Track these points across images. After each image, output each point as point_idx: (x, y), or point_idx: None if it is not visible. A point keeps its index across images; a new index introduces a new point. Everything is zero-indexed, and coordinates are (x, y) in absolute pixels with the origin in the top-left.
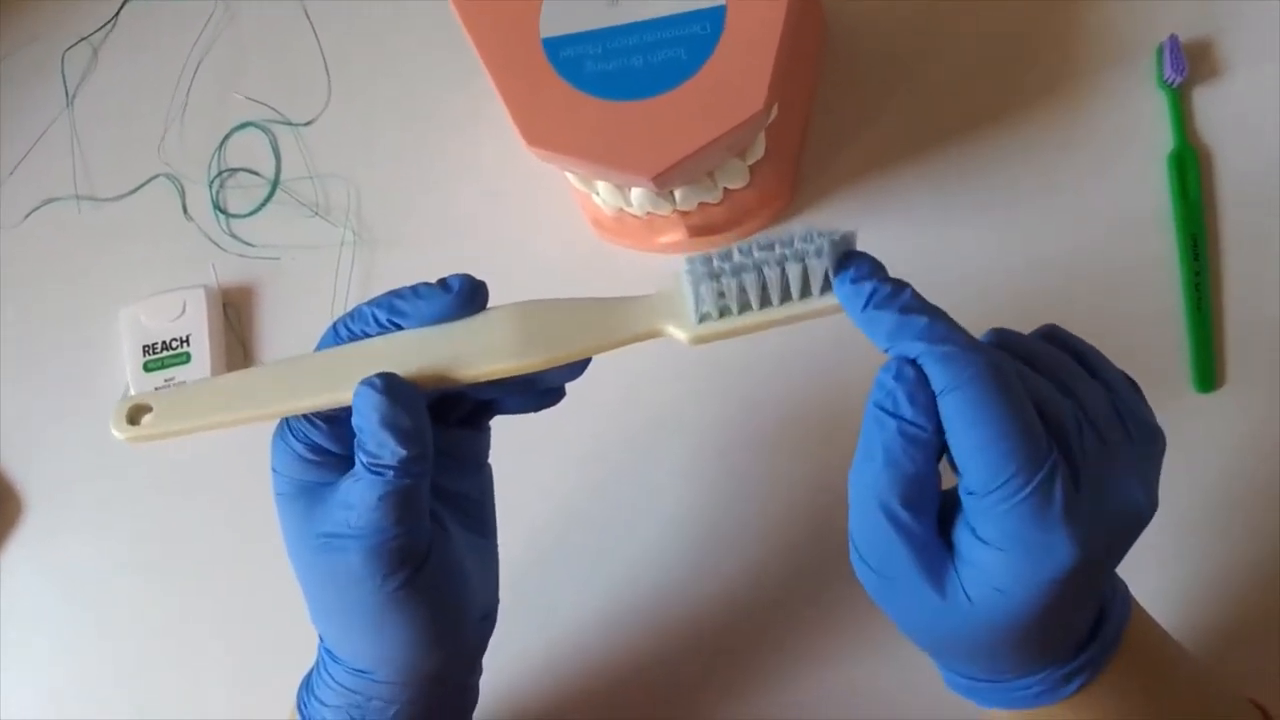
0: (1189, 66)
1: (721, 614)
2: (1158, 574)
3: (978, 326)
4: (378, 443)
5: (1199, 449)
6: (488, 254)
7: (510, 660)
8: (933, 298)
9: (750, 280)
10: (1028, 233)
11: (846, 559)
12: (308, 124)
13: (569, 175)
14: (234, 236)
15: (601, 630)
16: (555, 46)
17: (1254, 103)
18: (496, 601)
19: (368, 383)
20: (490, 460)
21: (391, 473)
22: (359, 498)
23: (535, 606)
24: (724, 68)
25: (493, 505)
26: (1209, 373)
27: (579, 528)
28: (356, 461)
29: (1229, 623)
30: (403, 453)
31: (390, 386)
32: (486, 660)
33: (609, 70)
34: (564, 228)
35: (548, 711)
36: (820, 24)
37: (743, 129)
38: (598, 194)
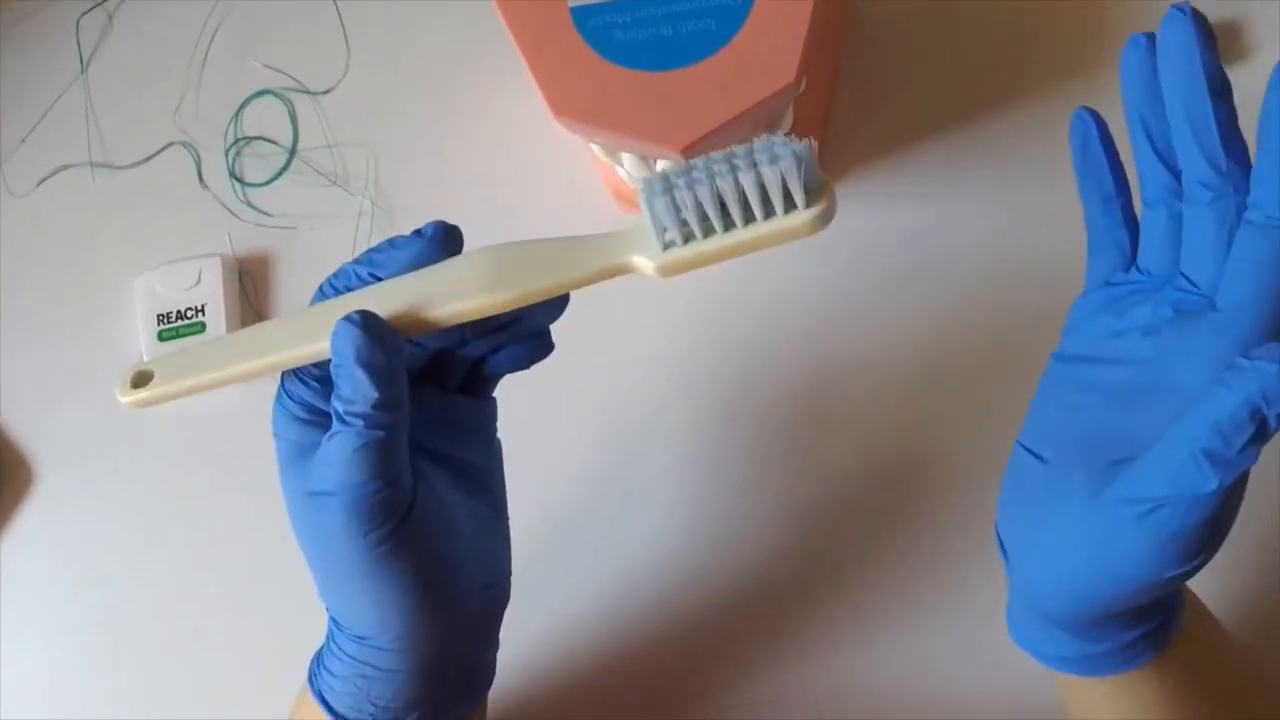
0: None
1: (728, 599)
2: None
3: (996, 301)
4: (352, 384)
5: None
6: (506, 225)
7: (515, 646)
8: (951, 272)
9: (705, 192)
10: (1048, 210)
11: (855, 543)
12: (326, 92)
13: (593, 146)
14: (250, 205)
15: (606, 615)
16: (583, 15)
17: None
18: (507, 574)
19: (346, 319)
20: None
21: (363, 422)
22: (335, 452)
23: (539, 592)
24: (755, 39)
25: (501, 478)
26: None
27: (581, 514)
28: (333, 416)
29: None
30: (374, 395)
31: (367, 322)
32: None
33: (638, 40)
34: (585, 199)
35: (554, 697)
36: None
37: (773, 101)
38: (621, 165)
